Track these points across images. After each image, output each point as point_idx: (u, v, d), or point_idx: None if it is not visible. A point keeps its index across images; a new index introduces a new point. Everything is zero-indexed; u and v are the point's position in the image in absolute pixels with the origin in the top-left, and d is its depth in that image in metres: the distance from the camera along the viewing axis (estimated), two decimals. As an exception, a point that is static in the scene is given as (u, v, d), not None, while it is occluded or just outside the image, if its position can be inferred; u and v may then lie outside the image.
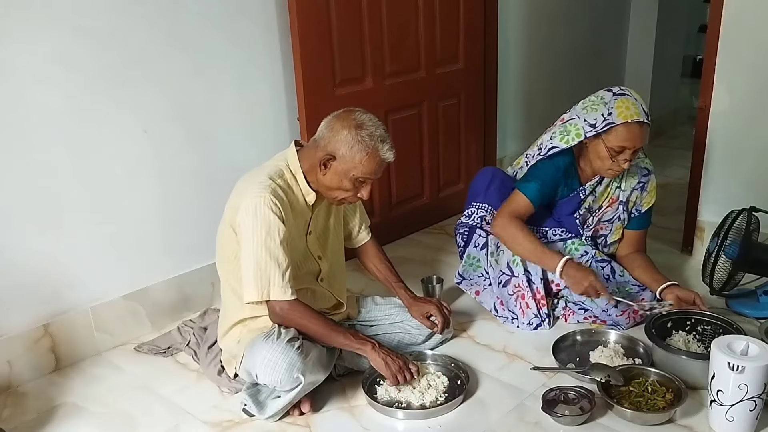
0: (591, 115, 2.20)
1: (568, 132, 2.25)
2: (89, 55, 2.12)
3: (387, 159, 1.88)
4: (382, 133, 1.86)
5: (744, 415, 1.72)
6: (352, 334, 1.91)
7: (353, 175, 1.85)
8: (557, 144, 2.27)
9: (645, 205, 2.40)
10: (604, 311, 2.30)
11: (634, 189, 2.36)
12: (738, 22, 2.57)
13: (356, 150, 1.82)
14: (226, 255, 1.97)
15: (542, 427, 1.85)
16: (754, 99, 2.63)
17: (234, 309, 1.99)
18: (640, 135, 2.15)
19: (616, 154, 2.17)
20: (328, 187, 1.90)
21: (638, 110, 2.14)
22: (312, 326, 1.87)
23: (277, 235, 1.80)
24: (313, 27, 2.56)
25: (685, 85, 5.51)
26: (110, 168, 2.25)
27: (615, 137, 2.15)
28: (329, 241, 2.10)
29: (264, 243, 1.79)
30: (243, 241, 1.83)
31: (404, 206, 3.21)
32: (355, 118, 1.85)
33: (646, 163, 2.39)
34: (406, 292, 2.20)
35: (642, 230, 2.45)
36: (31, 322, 2.15)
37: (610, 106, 2.16)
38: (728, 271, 2.34)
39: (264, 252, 1.79)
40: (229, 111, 2.53)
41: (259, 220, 1.79)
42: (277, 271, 1.80)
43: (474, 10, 3.24)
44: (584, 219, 2.40)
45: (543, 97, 3.95)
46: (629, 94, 2.19)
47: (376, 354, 1.89)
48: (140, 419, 1.96)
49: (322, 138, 1.87)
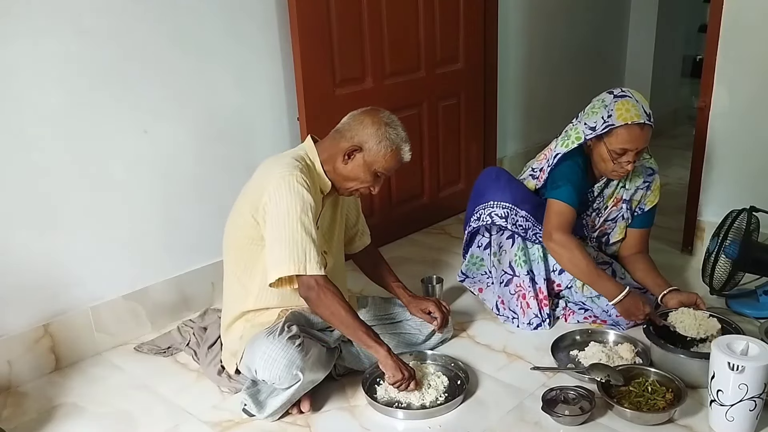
0: (591, 119, 2.19)
1: (569, 136, 2.24)
2: (89, 56, 2.12)
3: (405, 159, 1.97)
4: (406, 135, 1.96)
5: (744, 415, 1.72)
6: (372, 332, 1.89)
7: (375, 169, 1.92)
8: (560, 150, 2.26)
9: (648, 204, 2.38)
10: (605, 311, 2.30)
11: (639, 188, 2.35)
12: (738, 22, 2.57)
13: (383, 145, 1.90)
14: (237, 243, 1.97)
15: (542, 427, 1.85)
16: (754, 99, 2.63)
17: (237, 301, 2.00)
18: (641, 137, 2.13)
19: (617, 156, 2.16)
20: (347, 177, 1.94)
21: (638, 112, 2.13)
22: (340, 308, 1.83)
23: (310, 211, 1.82)
24: (313, 27, 2.56)
25: (685, 85, 5.51)
26: (110, 168, 2.25)
27: (616, 139, 2.15)
28: (334, 238, 2.11)
29: (299, 218, 1.80)
30: (274, 217, 1.81)
31: (404, 206, 3.21)
32: (384, 116, 1.94)
33: (651, 162, 2.37)
34: (404, 291, 2.21)
35: (645, 229, 2.43)
36: (31, 322, 2.15)
37: (610, 109, 2.15)
38: (728, 271, 2.34)
39: (300, 226, 1.79)
40: (229, 111, 2.53)
41: (293, 195, 1.80)
42: (313, 246, 1.81)
43: (474, 10, 3.24)
44: (592, 221, 2.39)
45: (543, 97, 3.96)
46: (630, 95, 2.17)
47: (390, 359, 1.88)
48: (140, 419, 1.96)
49: (349, 130, 1.92)
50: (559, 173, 2.27)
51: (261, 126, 2.64)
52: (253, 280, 1.96)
